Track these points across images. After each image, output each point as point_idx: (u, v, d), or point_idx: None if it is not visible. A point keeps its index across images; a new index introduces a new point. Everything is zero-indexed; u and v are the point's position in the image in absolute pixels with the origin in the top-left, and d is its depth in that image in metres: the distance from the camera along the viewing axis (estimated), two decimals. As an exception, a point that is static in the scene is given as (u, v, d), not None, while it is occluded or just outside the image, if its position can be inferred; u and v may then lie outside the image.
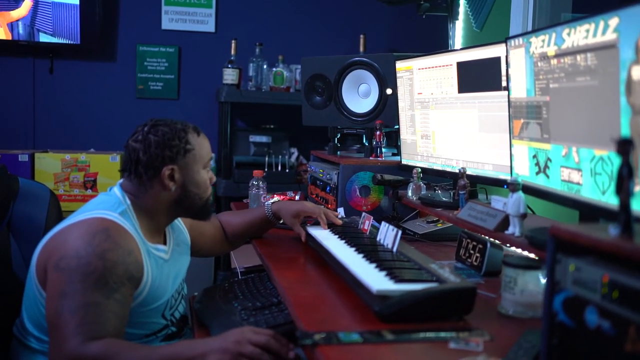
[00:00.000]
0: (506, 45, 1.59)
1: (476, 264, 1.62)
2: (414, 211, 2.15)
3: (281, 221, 1.88)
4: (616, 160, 1.14)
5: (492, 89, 1.72)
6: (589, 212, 1.28)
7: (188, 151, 1.54)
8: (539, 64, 1.43)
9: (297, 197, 2.62)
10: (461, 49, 1.85)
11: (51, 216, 1.81)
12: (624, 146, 0.87)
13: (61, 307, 1.31)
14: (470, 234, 1.68)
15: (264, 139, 3.54)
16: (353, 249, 1.58)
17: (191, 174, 1.55)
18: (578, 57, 1.26)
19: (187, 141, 1.54)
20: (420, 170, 2.04)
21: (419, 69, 2.06)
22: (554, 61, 1.36)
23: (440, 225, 2.03)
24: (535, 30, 1.45)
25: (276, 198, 1.98)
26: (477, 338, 1.12)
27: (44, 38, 3.36)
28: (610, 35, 1.14)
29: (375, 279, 1.29)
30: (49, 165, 3.26)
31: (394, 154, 2.46)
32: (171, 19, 3.58)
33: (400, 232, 1.56)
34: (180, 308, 1.65)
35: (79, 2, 3.35)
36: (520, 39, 1.51)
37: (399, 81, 2.18)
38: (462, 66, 1.84)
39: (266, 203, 1.90)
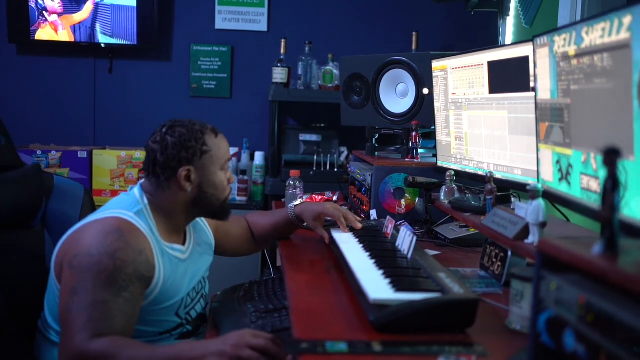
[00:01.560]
0: (533, 45, 1.51)
1: (497, 273, 1.55)
2: (447, 215, 2.09)
3: (305, 223, 1.87)
4: (630, 169, 1.06)
5: (521, 90, 1.64)
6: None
7: (205, 152, 1.55)
8: (561, 64, 1.34)
9: (335, 198, 2.61)
10: (492, 47, 1.77)
11: (84, 213, 1.87)
12: (610, 156, 0.80)
13: (71, 303, 1.35)
14: (493, 241, 1.61)
15: (313, 137, 3.53)
16: (368, 253, 1.55)
17: (208, 175, 1.56)
18: (595, 58, 1.18)
19: (204, 142, 1.55)
20: (453, 173, 1.98)
21: (453, 68, 1.99)
22: (574, 61, 1.28)
23: (472, 230, 1.96)
24: (559, 28, 1.37)
25: (299, 200, 1.97)
26: (469, 354, 1.07)
27: (103, 39, 3.49)
28: (623, 34, 1.06)
29: (376, 287, 1.26)
30: (106, 162, 3.39)
31: (434, 156, 2.40)
32: (224, 19, 3.64)
33: (415, 238, 1.51)
34: (198, 307, 1.67)
35: (136, 4, 3.45)
36: (545, 38, 1.43)
37: (434, 81, 2.12)
38: (492, 66, 1.76)
39: (289, 205, 1.90)
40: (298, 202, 1.93)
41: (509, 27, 2.80)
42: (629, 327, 0.69)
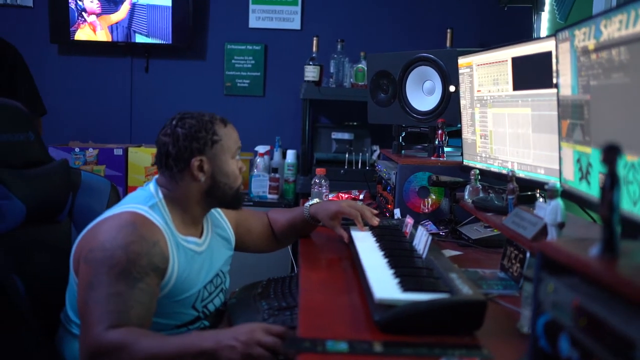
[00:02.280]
0: (555, 39, 1.46)
1: (516, 275, 1.51)
2: (473, 215, 2.04)
3: (321, 223, 1.86)
4: (646, 168, 1.02)
5: (544, 87, 1.59)
6: (625, 225, 1.15)
7: (215, 142, 1.56)
8: (581, 59, 1.29)
9: (361, 197, 2.59)
10: (515, 43, 1.72)
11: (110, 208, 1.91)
12: (608, 154, 0.76)
13: (88, 297, 1.38)
14: (513, 242, 1.57)
15: (346, 135, 3.52)
16: (382, 252, 1.53)
17: (220, 164, 1.58)
18: (613, 52, 1.13)
19: (214, 132, 1.56)
20: (478, 172, 1.94)
21: (478, 65, 1.95)
22: (593, 56, 1.23)
23: (496, 231, 1.91)
24: (579, 21, 1.32)
25: (316, 200, 1.95)
26: (472, 357, 1.04)
27: (139, 39, 3.56)
28: None
29: (384, 286, 1.24)
30: (141, 159, 3.46)
31: (462, 154, 2.35)
32: (258, 17, 3.66)
33: (430, 238, 1.48)
34: (217, 301, 1.68)
35: (172, 4, 3.51)
36: (566, 32, 1.38)
37: (460, 78, 2.08)
38: (516, 62, 1.72)
39: (305, 204, 1.89)
40: (314, 201, 1.92)
41: (544, 22, 2.72)
42: (619, 333, 0.65)
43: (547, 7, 2.72)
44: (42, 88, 3.66)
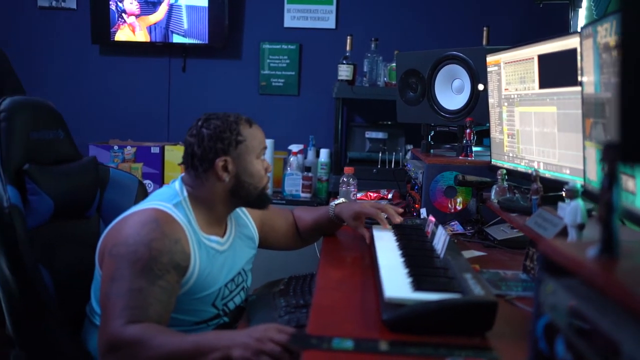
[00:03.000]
0: (580, 36, 1.42)
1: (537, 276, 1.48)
2: (499, 215, 2.01)
3: (345, 222, 1.85)
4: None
5: (569, 85, 1.55)
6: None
7: (240, 142, 1.58)
8: (603, 55, 1.26)
9: (389, 196, 2.57)
10: (541, 40, 1.68)
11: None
12: (608, 152, 0.74)
13: (110, 290, 1.41)
14: (535, 243, 1.53)
15: (379, 135, 3.51)
16: (400, 252, 1.52)
17: (244, 165, 1.59)
18: (631, 48, 1.09)
19: (238, 132, 1.58)
20: (505, 171, 1.90)
21: (506, 63, 1.91)
22: (614, 52, 1.19)
23: (523, 231, 1.87)
24: (601, 17, 1.28)
25: (342, 199, 1.94)
26: (479, 358, 1.02)
27: (177, 39, 3.62)
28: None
29: (395, 285, 1.23)
30: (177, 157, 3.51)
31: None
32: (293, 17, 3.68)
33: (448, 238, 1.47)
34: (237, 299, 1.69)
35: (208, 4, 3.56)
36: (590, 28, 1.35)
37: (489, 76, 2.05)
38: (542, 59, 1.68)
39: (331, 203, 1.89)
40: (340, 200, 1.91)
41: (581, 19, 2.65)
42: (607, 338, 0.63)
43: (584, 3, 2.64)
44: (84, 88, 3.79)
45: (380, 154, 3.35)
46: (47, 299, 1.57)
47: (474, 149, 2.21)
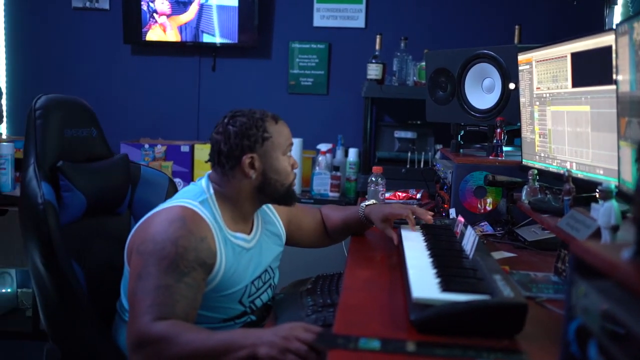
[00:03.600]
0: (615, 33, 1.39)
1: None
2: (529, 216, 1.98)
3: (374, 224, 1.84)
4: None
5: (604, 83, 1.52)
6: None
7: (266, 139, 1.58)
8: (639, 52, 1.23)
9: (418, 196, 2.56)
10: (575, 38, 1.65)
11: (168, 202, 1.97)
12: (644, 152, 0.72)
13: (137, 287, 1.43)
14: (566, 244, 1.51)
15: (408, 134, 3.48)
16: (428, 252, 1.51)
17: (270, 161, 1.60)
18: (669, 45, 1.06)
19: (264, 129, 1.58)
20: (536, 172, 1.87)
21: (538, 61, 1.88)
22: (651, 50, 1.16)
23: (554, 233, 1.84)
24: (638, 13, 1.25)
25: (372, 201, 1.92)
26: (508, 361, 1.01)
27: (207, 39, 3.65)
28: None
29: (423, 286, 1.22)
30: (206, 156, 3.53)
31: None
32: (322, 16, 3.67)
33: (477, 238, 1.45)
34: (264, 297, 1.70)
35: (238, 4, 3.58)
36: (626, 25, 1.31)
37: (520, 75, 2.02)
38: (575, 57, 1.65)
39: (361, 204, 1.88)
40: (370, 202, 1.90)
41: (617, 16, 2.60)
42: (642, 340, 0.62)
43: (620, 0, 2.59)
44: (116, 87, 3.84)
45: (409, 154, 3.33)
46: (79, 294, 1.60)
47: (504, 148, 2.18)
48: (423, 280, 1.27)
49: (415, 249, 1.55)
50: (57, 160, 1.71)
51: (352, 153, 3.52)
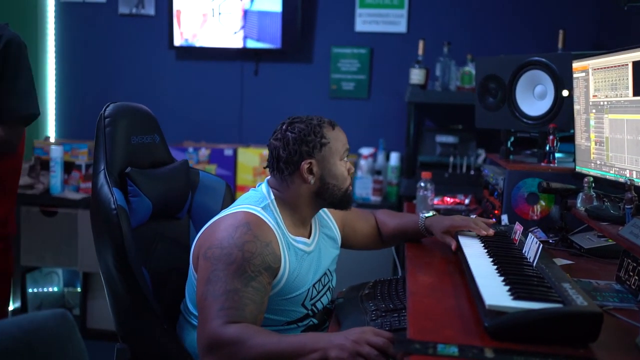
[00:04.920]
0: (682, 43, 1.40)
1: (634, 288, 1.46)
2: (584, 223, 1.98)
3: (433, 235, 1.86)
4: None
5: (668, 92, 1.52)
6: None
7: (324, 145, 1.62)
8: None
9: (467, 201, 2.57)
10: (637, 46, 1.65)
11: (225, 207, 2.01)
12: None
13: (206, 291, 1.47)
14: (630, 253, 1.51)
15: (450, 139, 3.49)
16: (491, 259, 1.53)
17: (328, 167, 1.63)
18: None
19: (322, 135, 1.62)
20: (592, 179, 1.88)
21: (595, 69, 1.89)
22: None
23: (611, 241, 1.85)
24: None
25: (431, 213, 1.93)
26: (587, 369, 1.03)
27: (250, 44, 3.71)
28: None
29: (494, 293, 1.25)
30: (249, 159, 3.61)
31: (573, 161, 2.28)
32: (364, 21, 3.71)
33: (541, 246, 1.47)
34: (324, 299, 1.74)
35: (282, 10, 3.63)
36: (695, 37, 1.32)
37: (575, 82, 2.02)
38: (637, 66, 1.65)
39: (421, 215, 1.89)
40: (430, 214, 1.91)
41: (667, 22, 2.58)
42: None
43: (671, 6, 2.57)
44: (160, 91, 3.92)
45: (451, 159, 3.34)
46: (148, 295, 1.65)
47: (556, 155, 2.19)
48: (492, 287, 1.29)
49: (476, 255, 1.57)
50: (124, 166, 1.77)
51: (394, 157, 3.55)
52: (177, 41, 3.76)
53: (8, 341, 0.97)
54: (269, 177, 1.71)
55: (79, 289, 3.77)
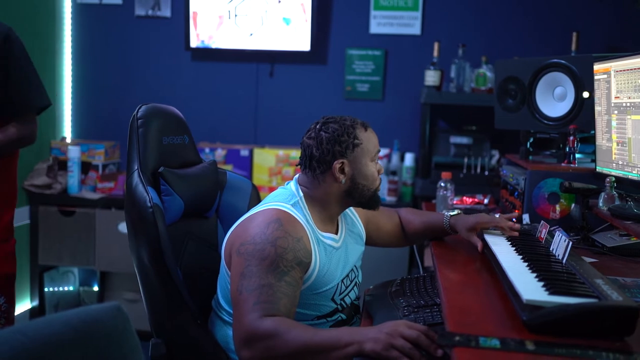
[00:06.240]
0: None
1: (661, 285, 1.50)
2: (605, 222, 2.02)
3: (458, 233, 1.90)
4: None
5: (693, 94, 1.56)
6: None
7: (356, 145, 1.66)
8: None
9: (486, 201, 2.60)
10: (661, 49, 1.70)
11: (251, 206, 2.05)
12: None
13: (241, 286, 1.50)
14: (657, 251, 1.55)
15: (464, 140, 3.54)
16: (520, 256, 1.57)
17: (360, 167, 1.67)
18: None
19: (355, 136, 1.66)
20: (614, 179, 1.92)
21: (617, 71, 1.92)
22: None
23: (633, 239, 1.88)
24: None
25: (456, 211, 1.97)
26: (627, 361, 1.06)
27: (265, 45, 3.74)
28: None
29: (529, 288, 1.28)
30: (265, 160, 3.65)
31: (593, 161, 2.32)
32: (379, 23, 3.74)
33: (570, 243, 1.50)
34: (352, 294, 1.78)
35: (297, 13, 3.66)
36: None
37: (596, 84, 2.06)
38: (661, 68, 1.69)
39: (446, 214, 1.93)
40: (454, 212, 1.94)
41: (683, 25, 2.61)
42: None
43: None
44: (177, 92, 3.96)
45: (465, 159, 3.38)
46: (182, 291, 1.68)
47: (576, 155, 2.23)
48: (526, 283, 1.32)
49: (505, 253, 1.61)
50: (157, 166, 1.80)
51: (409, 158, 3.58)
52: (194, 43, 3.80)
53: (70, 332, 1.01)
54: (298, 174, 1.75)
55: (94, 288, 3.81)
